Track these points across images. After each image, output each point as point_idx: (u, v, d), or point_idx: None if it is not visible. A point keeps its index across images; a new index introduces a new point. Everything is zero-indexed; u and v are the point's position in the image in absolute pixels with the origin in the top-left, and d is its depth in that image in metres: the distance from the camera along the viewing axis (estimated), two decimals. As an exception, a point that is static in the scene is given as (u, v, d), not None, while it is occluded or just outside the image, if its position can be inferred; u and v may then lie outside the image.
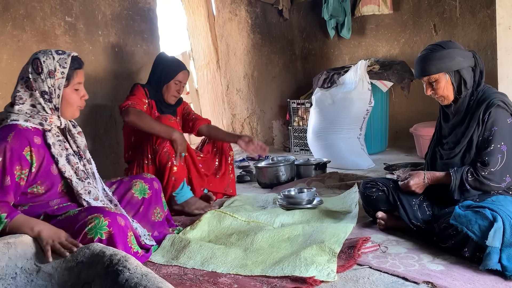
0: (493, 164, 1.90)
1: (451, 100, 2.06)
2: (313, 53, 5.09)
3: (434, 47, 2.04)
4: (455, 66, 1.99)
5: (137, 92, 2.81)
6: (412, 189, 2.09)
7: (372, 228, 2.25)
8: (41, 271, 1.55)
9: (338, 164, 3.64)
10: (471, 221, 1.75)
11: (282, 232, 2.19)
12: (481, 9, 3.84)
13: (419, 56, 2.07)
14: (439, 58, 1.99)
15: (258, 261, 1.93)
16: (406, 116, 4.40)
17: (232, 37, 4.89)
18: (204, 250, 2.04)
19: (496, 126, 1.93)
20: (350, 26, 4.53)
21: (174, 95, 2.95)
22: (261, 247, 2.08)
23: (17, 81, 1.79)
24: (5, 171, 1.65)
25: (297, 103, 4.47)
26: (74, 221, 1.72)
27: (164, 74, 2.91)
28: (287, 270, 1.79)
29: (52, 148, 1.78)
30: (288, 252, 1.98)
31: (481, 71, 2.04)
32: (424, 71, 2.02)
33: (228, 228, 2.36)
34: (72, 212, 1.78)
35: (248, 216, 2.46)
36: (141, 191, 2.19)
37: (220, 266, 1.91)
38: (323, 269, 1.77)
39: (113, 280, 1.38)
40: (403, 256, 1.91)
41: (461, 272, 1.72)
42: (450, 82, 2.01)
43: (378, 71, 3.98)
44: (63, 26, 3.22)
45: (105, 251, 1.49)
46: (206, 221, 2.40)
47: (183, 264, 1.96)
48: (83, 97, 1.88)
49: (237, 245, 2.13)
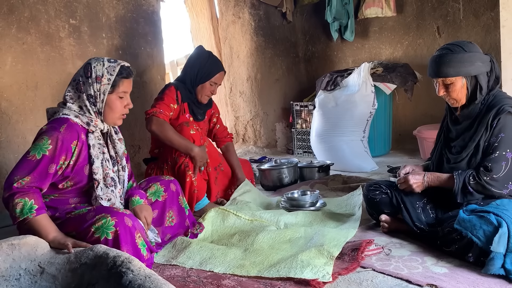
0: (496, 171, 1.88)
1: (462, 104, 2.02)
2: (316, 56, 5.09)
3: (454, 47, 1.96)
4: (474, 71, 1.93)
5: (167, 96, 2.72)
6: (410, 183, 2.06)
7: (375, 231, 2.25)
8: (45, 272, 1.55)
9: (341, 167, 3.63)
10: (475, 226, 1.74)
11: (283, 234, 2.20)
12: (484, 12, 3.83)
13: (437, 55, 1.98)
14: (459, 61, 1.92)
15: (256, 262, 1.94)
16: (410, 119, 4.40)
17: (236, 40, 4.90)
18: (203, 251, 2.06)
19: (504, 133, 1.90)
20: (354, 28, 4.53)
21: (208, 95, 2.90)
22: (261, 248, 2.09)
23: (70, 82, 1.91)
24: (53, 159, 1.74)
25: (300, 106, 4.47)
26: (83, 220, 1.75)
27: (201, 74, 2.83)
28: (283, 271, 1.80)
29: (92, 149, 1.86)
30: (287, 254, 1.98)
31: (497, 77, 1.99)
32: (441, 72, 1.95)
33: (231, 227, 2.37)
34: (82, 211, 1.81)
35: (252, 215, 2.46)
36: (155, 193, 2.19)
37: (218, 266, 1.93)
38: (318, 271, 1.77)
39: (116, 281, 1.38)
40: (406, 259, 1.90)
41: (465, 275, 1.71)
42: (465, 86, 1.97)
43: (381, 73, 3.97)
44: (67, 29, 3.24)
45: (108, 253, 1.49)
46: (210, 220, 2.42)
47: (182, 264, 1.98)
48: (127, 105, 1.94)
49: (238, 246, 2.15)
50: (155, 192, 2.19)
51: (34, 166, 1.71)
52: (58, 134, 1.76)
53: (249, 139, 5.04)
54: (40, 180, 1.72)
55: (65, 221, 1.79)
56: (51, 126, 1.78)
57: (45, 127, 1.79)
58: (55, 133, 1.76)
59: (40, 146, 1.73)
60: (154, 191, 2.19)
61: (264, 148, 4.89)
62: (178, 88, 2.79)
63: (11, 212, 1.68)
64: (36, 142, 1.75)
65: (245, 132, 5.04)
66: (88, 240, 1.68)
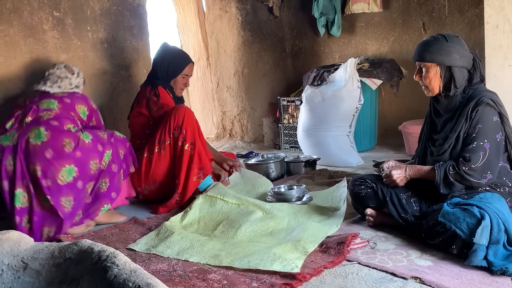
0: (474, 161, 1.93)
1: (435, 93, 2.08)
2: (303, 51, 5.10)
3: (438, 36, 2.06)
4: (448, 62, 2.00)
5: (167, 99, 2.86)
6: (394, 178, 2.10)
7: (361, 225, 2.27)
8: (28, 268, 1.53)
9: (327, 162, 3.65)
10: (459, 219, 1.77)
11: (266, 226, 2.23)
12: (469, 8, 3.87)
13: (422, 41, 2.11)
14: (437, 48, 2.00)
15: (232, 253, 1.96)
16: (395, 114, 4.43)
17: (223, 34, 4.88)
18: (184, 241, 2.12)
19: (481, 124, 1.95)
20: (340, 24, 4.53)
21: (182, 88, 3.01)
22: (241, 241, 2.12)
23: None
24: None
25: (287, 101, 4.47)
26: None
27: (171, 70, 2.94)
28: (253, 263, 1.83)
29: None
30: (263, 247, 2.00)
31: (482, 76, 2.05)
32: (419, 55, 2.06)
33: (219, 213, 2.44)
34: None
35: (239, 199, 2.52)
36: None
37: (193, 256, 1.97)
38: (288, 264, 1.79)
39: (101, 276, 1.37)
40: (391, 252, 1.92)
41: (449, 267, 1.74)
42: (439, 75, 2.03)
43: (367, 69, 4.00)
44: (51, 21, 3.18)
45: (93, 248, 1.48)
46: (198, 207, 2.49)
47: (160, 253, 2.04)
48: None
49: (219, 237, 2.19)
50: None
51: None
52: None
53: (236, 134, 5.03)
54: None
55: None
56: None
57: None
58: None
59: None
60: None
61: (251, 143, 4.88)
62: (163, 86, 2.90)
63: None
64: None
65: (232, 127, 5.03)
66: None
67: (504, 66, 2.85)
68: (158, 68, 2.96)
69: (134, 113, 2.97)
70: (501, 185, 2.00)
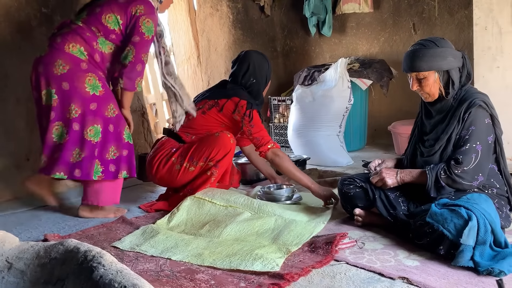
0: (466, 163, 1.93)
1: (435, 98, 2.07)
2: (294, 50, 5.10)
3: (427, 43, 2.01)
4: (445, 66, 1.98)
5: (259, 122, 2.71)
6: (383, 175, 2.09)
7: (349, 224, 2.27)
8: (13, 268, 1.51)
9: (317, 161, 3.65)
10: (446, 220, 1.78)
11: (253, 225, 2.23)
12: (459, 10, 3.90)
13: (411, 50, 2.04)
14: (431, 56, 1.97)
15: (215, 252, 1.96)
16: (385, 114, 4.45)
17: (213, 33, 4.86)
18: (168, 240, 2.11)
19: (474, 126, 1.95)
20: (331, 24, 4.54)
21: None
22: (225, 240, 2.12)
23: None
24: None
25: (278, 100, 4.47)
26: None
27: (268, 80, 2.90)
28: (235, 263, 1.83)
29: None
30: (247, 247, 1.99)
31: (468, 73, 2.05)
32: (414, 67, 2.00)
33: (206, 214, 2.43)
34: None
35: (226, 201, 2.51)
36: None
37: (176, 254, 1.97)
38: (269, 263, 1.80)
39: (87, 276, 1.35)
40: (379, 252, 1.93)
41: (436, 268, 1.75)
42: (438, 80, 2.01)
43: (358, 69, 4.01)
44: (39, 18, 3.14)
45: (79, 247, 1.46)
46: (186, 209, 2.47)
47: (144, 251, 2.04)
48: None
49: (204, 236, 2.19)
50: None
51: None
52: None
53: (226, 133, 5.01)
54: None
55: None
56: None
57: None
58: None
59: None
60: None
61: (241, 142, 4.87)
62: (257, 109, 2.76)
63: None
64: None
65: (222, 126, 5.01)
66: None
67: (492, 67, 2.88)
68: (258, 79, 2.82)
69: (211, 113, 2.75)
70: (489, 187, 2.01)
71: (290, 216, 2.35)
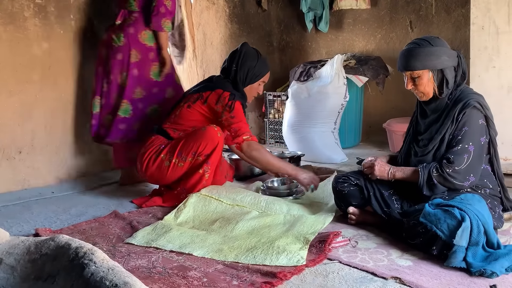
0: (458, 163, 1.93)
1: (430, 97, 2.07)
2: (290, 46, 5.07)
3: (421, 42, 2.02)
4: (440, 65, 1.99)
5: (241, 113, 2.66)
6: (376, 166, 2.10)
7: (343, 223, 2.27)
8: (3, 263, 1.49)
9: (312, 158, 3.65)
10: (440, 220, 1.78)
11: (263, 221, 2.24)
12: (456, 8, 3.89)
13: (405, 50, 2.04)
14: (426, 55, 1.97)
15: (234, 246, 1.96)
16: (380, 112, 4.45)
17: (209, 26, 4.82)
18: (183, 236, 2.11)
19: (468, 126, 1.96)
20: (328, 19, 4.52)
21: (255, 95, 2.85)
22: (240, 234, 2.12)
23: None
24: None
25: (273, 96, 4.46)
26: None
27: (251, 75, 2.75)
28: (259, 258, 1.84)
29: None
30: (264, 239, 2.01)
31: (463, 72, 2.04)
32: (409, 65, 2.01)
33: (213, 212, 2.41)
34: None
35: (233, 200, 2.50)
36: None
37: (197, 249, 1.96)
38: (293, 256, 1.82)
39: (78, 273, 1.34)
40: (372, 251, 1.93)
41: (429, 268, 1.75)
42: (432, 79, 2.02)
43: (354, 66, 3.99)
44: (32, 8, 3.10)
45: (70, 244, 1.45)
46: (192, 206, 2.46)
47: (162, 246, 2.02)
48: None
49: (217, 232, 2.18)
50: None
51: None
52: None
53: (221, 128, 5.00)
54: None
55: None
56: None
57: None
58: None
59: None
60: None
61: (236, 137, 4.86)
62: (240, 100, 2.70)
63: None
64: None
65: (217, 121, 4.99)
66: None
67: (488, 67, 2.87)
68: (238, 70, 2.74)
69: (196, 106, 2.72)
70: (482, 187, 2.02)
71: (298, 212, 2.36)
